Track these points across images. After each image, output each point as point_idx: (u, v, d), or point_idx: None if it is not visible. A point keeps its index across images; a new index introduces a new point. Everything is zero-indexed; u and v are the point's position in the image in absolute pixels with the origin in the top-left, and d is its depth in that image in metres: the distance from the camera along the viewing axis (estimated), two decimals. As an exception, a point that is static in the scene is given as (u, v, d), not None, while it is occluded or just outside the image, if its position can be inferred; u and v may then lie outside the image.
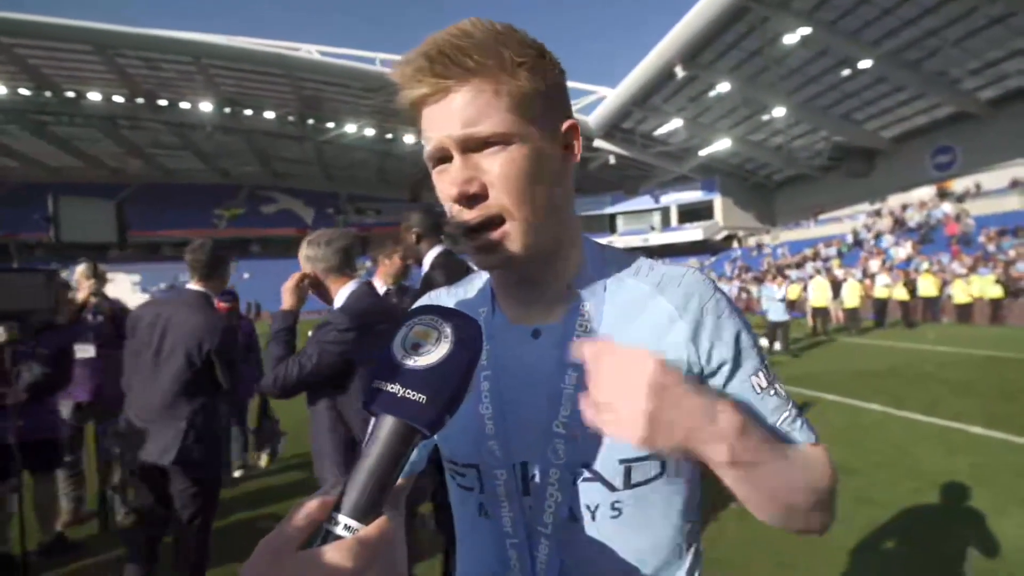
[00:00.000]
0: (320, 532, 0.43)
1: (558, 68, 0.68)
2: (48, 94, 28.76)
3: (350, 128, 34.06)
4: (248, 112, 32.50)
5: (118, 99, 29.97)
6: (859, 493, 3.75)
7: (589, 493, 0.67)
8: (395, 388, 0.47)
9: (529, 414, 0.68)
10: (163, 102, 30.84)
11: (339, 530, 0.43)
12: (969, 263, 17.04)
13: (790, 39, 20.82)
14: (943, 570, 2.87)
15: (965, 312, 15.38)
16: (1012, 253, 16.66)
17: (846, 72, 22.94)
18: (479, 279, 0.83)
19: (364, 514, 0.43)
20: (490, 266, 0.68)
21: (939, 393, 6.76)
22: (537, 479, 0.68)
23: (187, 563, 2.51)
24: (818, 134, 29.37)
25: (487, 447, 0.69)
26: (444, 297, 0.84)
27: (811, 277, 17.49)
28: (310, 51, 28.47)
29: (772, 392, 0.69)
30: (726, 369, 0.69)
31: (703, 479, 0.74)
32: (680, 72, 23.65)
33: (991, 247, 18.27)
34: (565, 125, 0.68)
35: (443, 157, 0.64)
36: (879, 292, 16.35)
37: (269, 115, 32.87)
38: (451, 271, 2.61)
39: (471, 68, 0.60)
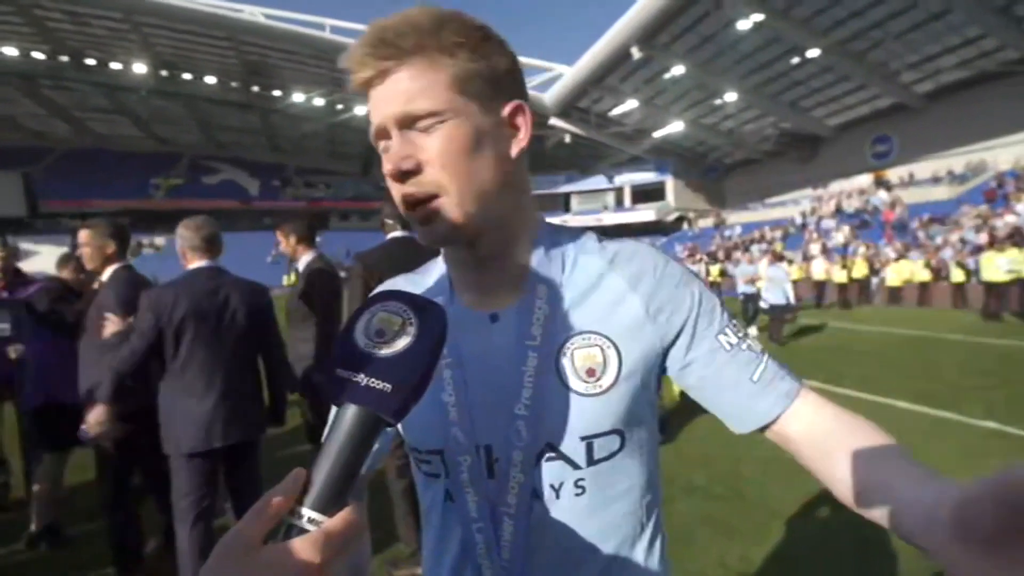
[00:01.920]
0: (283, 526, 0.42)
1: (505, 51, 0.69)
2: (-45, 47, 26.30)
3: (298, 97, 32.66)
4: (187, 76, 30.67)
5: (38, 55, 27.64)
6: (796, 465, 3.86)
7: (553, 472, 0.68)
8: (359, 377, 0.46)
9: (492, 398, 0.69)
10: (91, 61, 28.65)
11: (303, 523, 0.41)
12: (900, 248, 17.98)
13: (743, 25, 21.17)
14: (873, 535, 2.99)
15: (896, 294, 16.28)
16: (940, 240, 17.66)
17: (795, 60, 23.59)
18: (436, 267, 0.82)
19: (328, 506, 0.42)
20: (430, 239, 0.69)
21: (872, 370, 7.10)
22: (500, 461, 0.69)
23: None
24: (767, 119, 30.20)
25: (451, 434, 0.70)
26: (402, 284, 0.84)
27: (765, 259, 18.06)
28: (254, 13, 26.95)
29: (744, 347, 0.71)
30: (690, 335, 0.71)
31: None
32: (636, 53, 23.72)
33: (921, 234, 19.33)
34: (510, 105, 0.69)
35: (384, 137, 0.66)
36: (818, 274, 17.10)
37: (210, 80, 31.13)
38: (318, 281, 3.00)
39: (409, 49, 0.62)
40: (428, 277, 0.82)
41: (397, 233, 2.98)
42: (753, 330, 10.40)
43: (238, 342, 2.44)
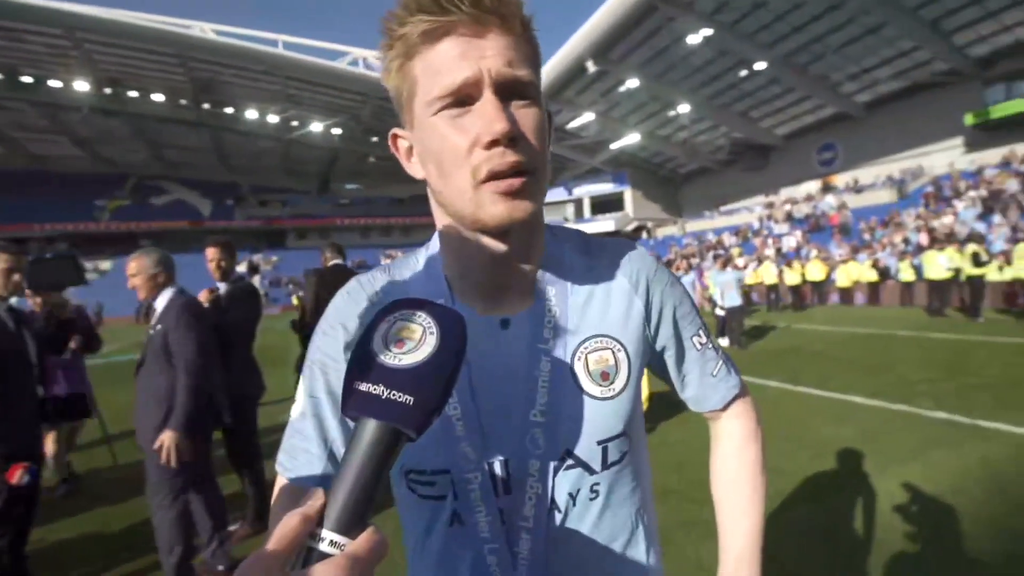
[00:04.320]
0: (303, 550, 0.39)
1: None
2: None
3: (251, 114, 32.01)
4: (133, 94, 29.69)
5: (-30, 73, 26.38)
6: (768, 466, 3.93)
7: (570, 479, 0.67)
8: (378, 389, 0.43)
9: (504, 408, 0.66)
10: (27, 79, 27.44)
11: (324, 547, 0.39)
12: (848, 251, 18.72)
13: (693, 39, 21.87)
14: (840, 525, 3.06)
15: (847, 295, 16.92)
16: (885, 241, 18.49)
17: (744, 72, 24.50)
18: (422, 271, 0.74)
19: (350, 527, 0.40)
20: (515, 215, 0.60)
21: (829, 369, 7.30)
22: (516, 474, 0.66)
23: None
24: (719, 130, 31.20)
25: (460, 450, 0.65)
26: (390, 286, 0.74)
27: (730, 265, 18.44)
28: (204, 29, 26.39)
29: (711, 347, 0.81)
30: (673, 335, 0.77)
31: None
32: (591, 67, 24.20)
33: (867, 236, 20.20)
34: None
35: (464, 95, 0.58)
36: (770, 278, 17.63)
37: (158, 98, 30.23)
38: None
39: (512, 16, 0.59)
40: (417, 277, 0.74)
41: (337, 261, 3.83)
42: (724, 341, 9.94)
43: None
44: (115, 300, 26.39)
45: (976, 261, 11.16)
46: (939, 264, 12.21)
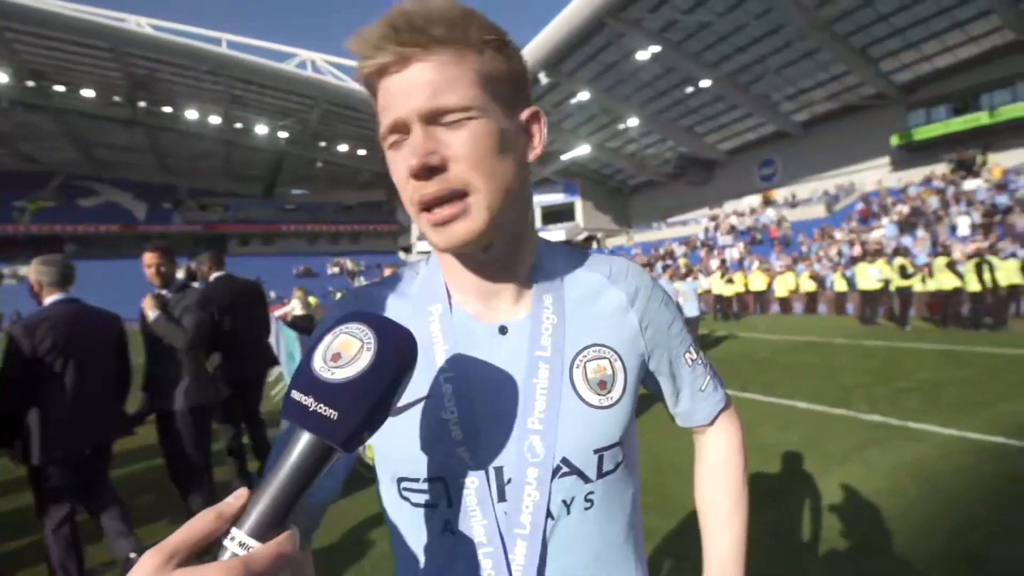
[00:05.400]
0: (218, 548, 0.39)
1: (521, 57, 0.67)
2: None
3: (191, 115, 30.67)
4: (60, 88, 27.89)
5: None
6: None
7: (565, 487, 0.67)
8: (308, 400, 0.43)
9: (502, 414, 0.67)
10: (-62, 68, 25.42)
11: (233, 547, 0.38)
12: (787, 262, 19.57)
13: (642, 55, 22.51)
14: (788, 525, 3.11)
15: (786, 304, 17.64)
16: (820, 253, 19.44)
17: (690, 89, 25.38)
18: (422, 275, 0.75)
19: (264, 532, 0.39)
20: (451, 243, 0.62)
21: (774, 376, 7.53)
22: (513, 481, 0.65)
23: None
24: (666, 144, 32.18)
25: (456, 456, 0.65)
26: (385, 292, 0.75)
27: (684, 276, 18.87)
28: (141, 24, 25.16)
29: (700, 362, 0.83)
30: (667, 352, 0.78)
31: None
32: (543, 79, 24.50)
33: (804, 248, 21.19)
34: (528, 111, 0.67)
35: (401, 131, 0.61)
36: (717, 288, 18.21)
37: (88, 93, 28.51)
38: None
39: (438, 39, 0.59)
40: (416, 284, 0.75)
41: (219, 273, 3.96)
42: None
43: (101, 363, 2.85)
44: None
45: (903, 273, 11.84)
46: (870, 276, 12.87)
